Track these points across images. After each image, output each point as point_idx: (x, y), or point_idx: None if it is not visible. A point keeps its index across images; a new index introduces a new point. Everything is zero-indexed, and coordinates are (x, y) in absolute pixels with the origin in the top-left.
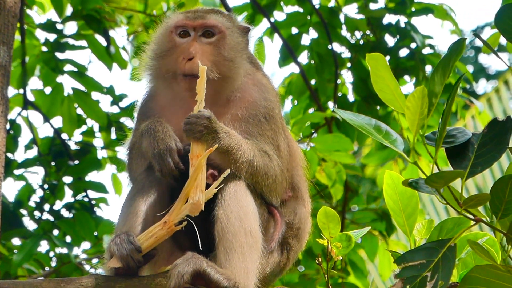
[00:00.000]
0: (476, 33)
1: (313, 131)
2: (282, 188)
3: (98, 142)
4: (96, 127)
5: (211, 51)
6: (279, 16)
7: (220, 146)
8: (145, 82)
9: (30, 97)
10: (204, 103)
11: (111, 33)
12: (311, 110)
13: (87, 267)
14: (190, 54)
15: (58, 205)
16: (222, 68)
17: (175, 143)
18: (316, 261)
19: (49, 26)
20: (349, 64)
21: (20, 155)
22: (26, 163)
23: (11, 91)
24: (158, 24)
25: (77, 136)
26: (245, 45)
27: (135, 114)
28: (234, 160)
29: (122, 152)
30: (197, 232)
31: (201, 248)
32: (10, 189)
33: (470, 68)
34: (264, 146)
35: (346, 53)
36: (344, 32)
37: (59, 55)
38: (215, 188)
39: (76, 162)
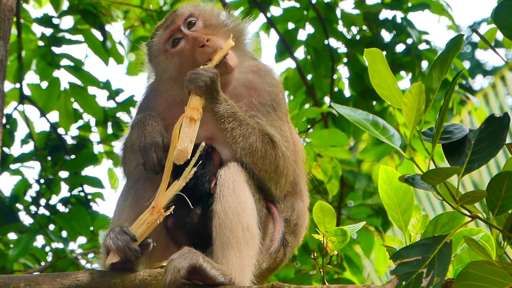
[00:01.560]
0: (474, 28)
1: (309, 127)
2: (285, 181)
3: (94, 136)
4: (92, 121)
5: (206, 33)
6: (275, 11)
7: (216, 109)
8: (147, 80)
9: (27, 91)
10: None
11: (108, 27)
12: (307, 106)
13: (83, 262)
14: (200, 41)
15: (54, 199)
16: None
17: (162, 139)
18: (312, 256)
19: (45, 20)
20: (345, 60)
21: (16, 150)
22: (23, 158)
23: (8, 86)
24: (141, 54)
25: (74, 130)
26: (225, 17)
27: (135, 110)
28: (230, 129)
29: (118, 146)
30: (189, 203)
31: (191, 206)
32: (6, 183)
33: (466, 64)
34: (273, 134)
35: (342, 48)
36: (340, 27)
37: (56, 50)
38: (194, 167)
39: (73, 156)
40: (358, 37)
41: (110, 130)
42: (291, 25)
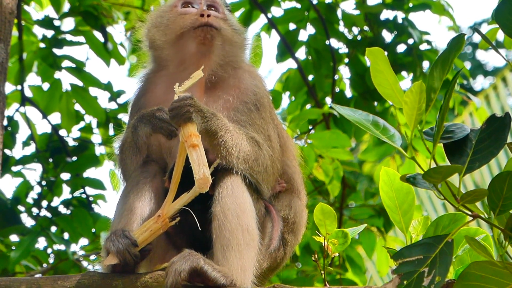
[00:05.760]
0: (476, 28)
1: (310, 128)
2: (273, 179)
3: (96, 138)
4: (94, 123)
5: (217, 24)
6: (276, 12)
7: (208, 127)
8: (139, 75)
9: (28, 93)
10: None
11: (109, 29)
12: (308, 106)
13: (84, 263)
14: (205, 12)
15: (56, 201)
16: (229, 36)
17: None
18: (313, 258)
19: (46, 22)
20: (346, 60)
21: (18, 152)
22: (24, 160)
23: (9, 87)
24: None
25: (75, 132)
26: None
27: (129, 109)
28: (223, 143)
29: (115, 147)
30: (194, 216)
31: (199, 229)
32: (8, 186)
33: (467, 65)
34: (254, 135)
35: (343, 49)
36: (341, 27)
37: (57, 51)
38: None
39: (74, 158)
40: (359, 37)
41: (111, 132)
42: (292, 26)
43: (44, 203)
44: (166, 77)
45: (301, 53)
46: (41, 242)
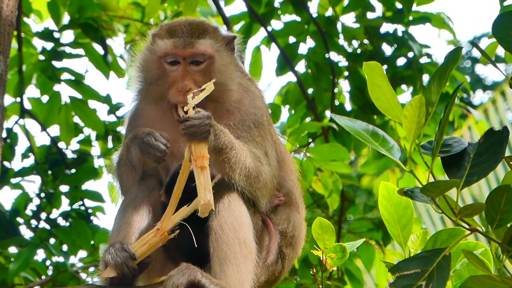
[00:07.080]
0: (474, 42)
1: (310, 141)
2: (271, 194)
3: (95, 151)
4: (93, 135)
5: (202, 78)
6: (276, 25)
7: (216, 144)
8: (132, 97)
9: (27, 105)
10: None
11: (109, 41)
12: (308, 119)
13: (83, 276)
14: (186, 87)
15: (54, 213)
16: (214, 93)
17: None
18: (311, 272)
19: (46, 34)
20: (346, 73)
21: (17, 164)
22: (23, 172)
23: (8, 100)
24: (142, 42)
25: (74, 144)
26: (234, 59)
27: (124, 128)
28: (228, 160)
29: (113, 160)
30: (191, 232)
31: (196, 245)
32: (7, 197)
33: (466, 79)
34: (255, 151)
35: (343, 62)
36: (341, 41)
37: (56, 64)
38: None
39: (73, 170)
40: (359, 50)
41: (110, 144)
42: (292, 39)
43: (43, 215)
44: (157, 96)
45: (300, 67)
46: (40, 254)
